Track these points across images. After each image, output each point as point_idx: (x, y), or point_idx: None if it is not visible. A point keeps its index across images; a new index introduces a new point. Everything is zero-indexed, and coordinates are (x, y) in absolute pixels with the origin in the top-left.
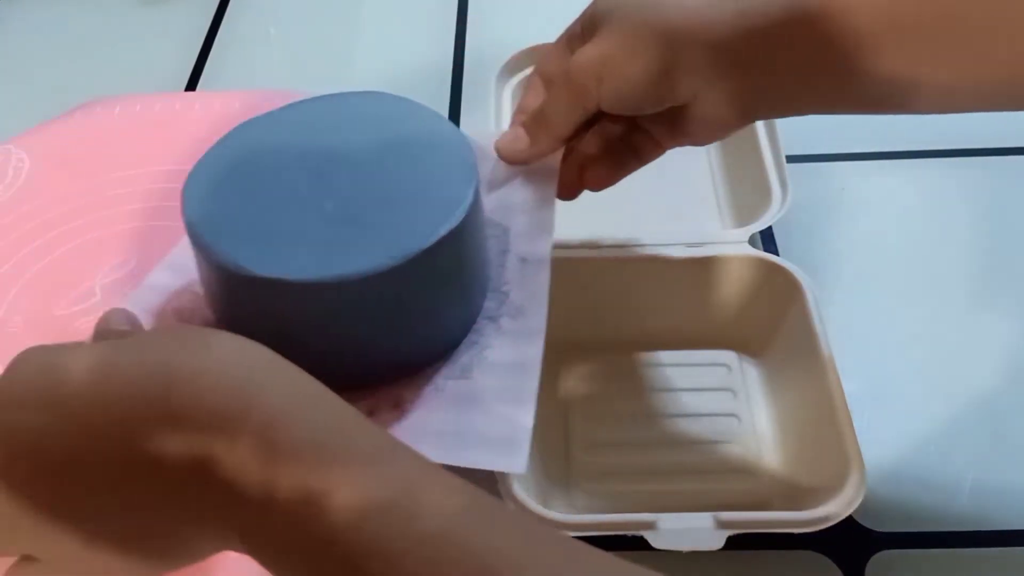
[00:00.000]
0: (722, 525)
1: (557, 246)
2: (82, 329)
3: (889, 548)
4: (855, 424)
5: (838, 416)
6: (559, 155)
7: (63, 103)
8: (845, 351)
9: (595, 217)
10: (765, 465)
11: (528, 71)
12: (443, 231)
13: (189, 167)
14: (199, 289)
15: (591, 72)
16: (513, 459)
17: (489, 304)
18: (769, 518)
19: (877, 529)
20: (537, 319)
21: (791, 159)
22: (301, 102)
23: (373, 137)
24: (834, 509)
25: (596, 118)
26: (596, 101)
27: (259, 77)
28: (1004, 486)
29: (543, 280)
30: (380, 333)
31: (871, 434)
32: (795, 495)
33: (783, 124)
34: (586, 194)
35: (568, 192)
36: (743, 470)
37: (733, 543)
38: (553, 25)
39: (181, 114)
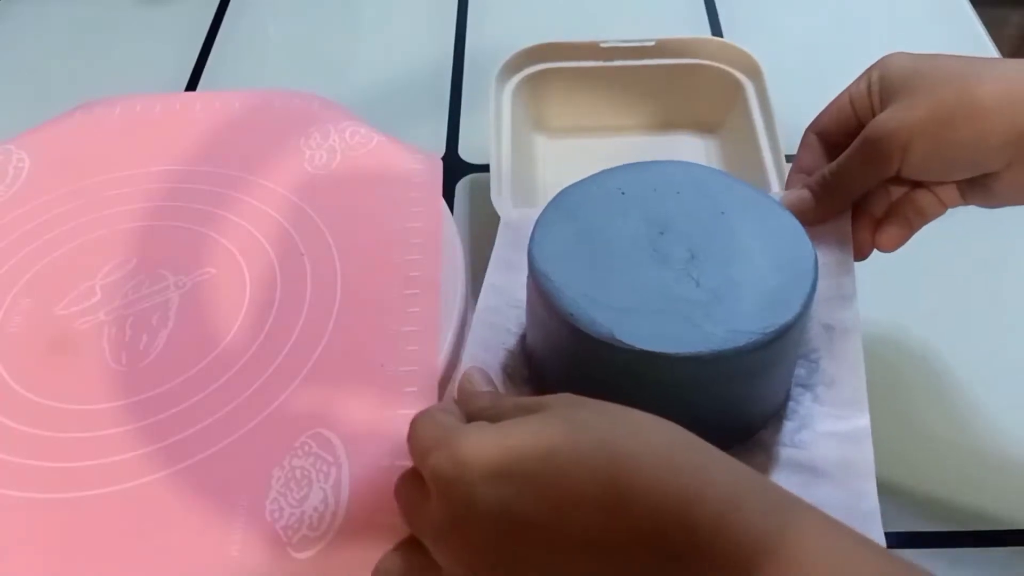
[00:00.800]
0: None
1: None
2: (82, 329)
3: (890, 548)
4: None
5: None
6: (848, 216)
7: (63, 103)
8: None
9: None
10: None
11: (528, 71)
12: (799, 306)
13: (190, 167)
14: (512, 345)
15: (897, 140)
16: (870, 533)
17: (799, 371)
18: None
19: None
20: (857, 391)
21: (791, 159)
22: (613, 170)
23: (699, 207)
24: None
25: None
26: (897, 167)
27: (259, 77)
28: (1004, 486)
29: (855, 350)
30: (728, 403)
31: (872, 434)
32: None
33: (782, 125)
34: None
35: (860, 253)
36: None
37: None
38: (553, 25)
39: (181, 114)
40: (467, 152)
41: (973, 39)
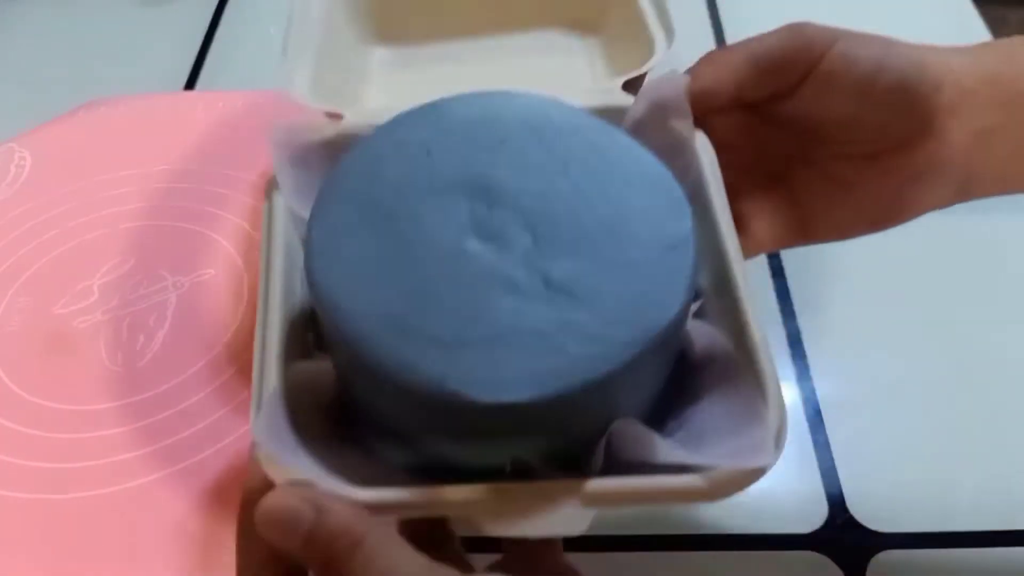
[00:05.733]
0: (587, 502)
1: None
2: (80, 328)
3: (889, 548)
4: (855, 425)
5: (751, 340)
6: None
7: (63, 103)
8: (844, 350)
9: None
10: None
11: None
12: (682, 293)
13: (191, 167)
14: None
15: (824, 36)
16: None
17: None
18: (647, 486)
19: (877, 529)
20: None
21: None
22: (413, 115)
23: (533, 160)
24: (743, 469)
25: None
26: (816, 59)
27: (259, 77)
28: (1004, 486)
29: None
30: (603, 427)
31: (871, 433)
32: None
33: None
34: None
35: None
36: None
37: (732, 543)
38: None
39: (184, 114)
40: None
41: (974, 37)
